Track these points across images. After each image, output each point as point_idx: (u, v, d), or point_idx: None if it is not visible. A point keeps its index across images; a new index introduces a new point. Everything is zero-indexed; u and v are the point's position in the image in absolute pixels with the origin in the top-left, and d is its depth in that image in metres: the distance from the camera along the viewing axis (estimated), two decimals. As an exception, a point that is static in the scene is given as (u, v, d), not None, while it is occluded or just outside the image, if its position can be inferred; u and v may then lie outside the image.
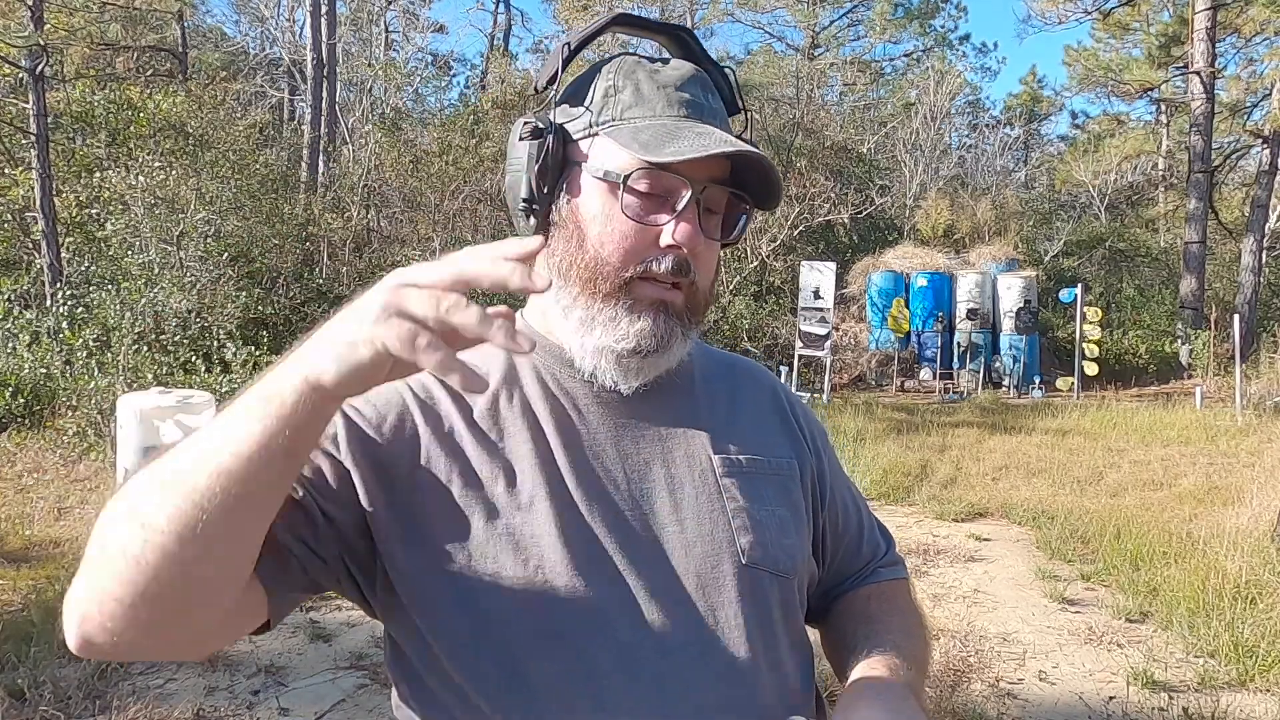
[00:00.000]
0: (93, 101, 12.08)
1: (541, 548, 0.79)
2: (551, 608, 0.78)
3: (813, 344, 12.00)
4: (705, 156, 0.79)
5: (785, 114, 19.68)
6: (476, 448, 0.83)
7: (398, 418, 0.82)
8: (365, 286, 0.64)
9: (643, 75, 0.84)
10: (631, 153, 0.80)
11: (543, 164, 0.83)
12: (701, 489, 0.87)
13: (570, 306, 0.84)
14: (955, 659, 3.77)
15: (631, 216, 0.81)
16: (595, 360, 0.84)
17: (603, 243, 0.82)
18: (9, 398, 7.87)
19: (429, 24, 29.31)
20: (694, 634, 0.81)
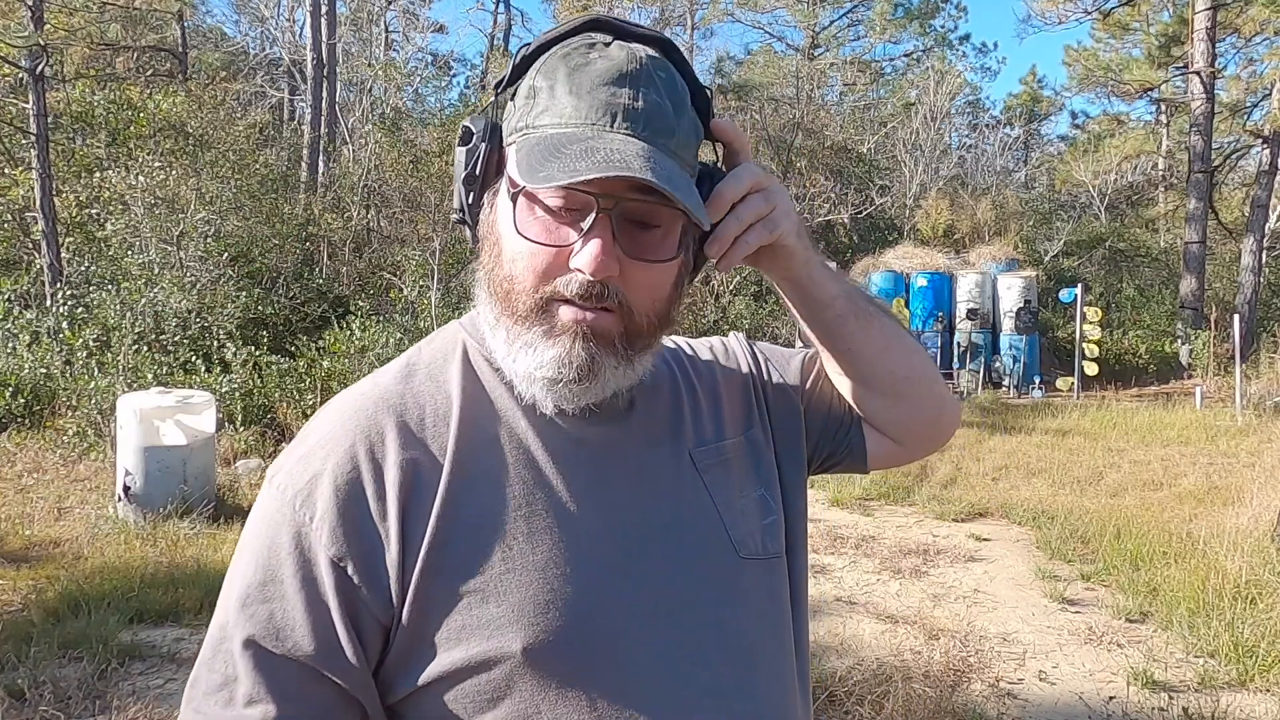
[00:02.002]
0: (93, 101, 12.08)
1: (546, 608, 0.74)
2: (569, 652, 0.74)
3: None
4: (578, 181, 0.67)
5: (785, 114, 19.67)
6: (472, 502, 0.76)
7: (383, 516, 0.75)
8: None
9: (564, 74, 0.74)
10: (517, 162, 0.73)
11: (470, 172, 0.78)
12: (690, 492, 0.84)
13: (495, 325, 0.78)
14: (955, 659, 3.77)
15: (528, 237, 0.74)
16: (528, 387, 0.77)
17: (514, 259, 0.75)
18: (9, 398, 7.87)
19: (429, 24, 29.32)
20: (714, 643, 0.79)
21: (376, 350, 8.83)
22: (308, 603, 0.73)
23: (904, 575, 4.93)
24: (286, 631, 0.73)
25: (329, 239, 13.86)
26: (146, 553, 4.87)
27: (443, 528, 0.74)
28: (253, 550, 0.75)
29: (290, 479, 0.76)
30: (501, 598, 0.73)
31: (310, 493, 0.74)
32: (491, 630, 0.73)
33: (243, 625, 0.73)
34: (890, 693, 3.31)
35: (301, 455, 0.77)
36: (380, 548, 0.74)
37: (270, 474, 0.79)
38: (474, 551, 0.74)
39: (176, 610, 4.06)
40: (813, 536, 5.63)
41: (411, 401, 0.79)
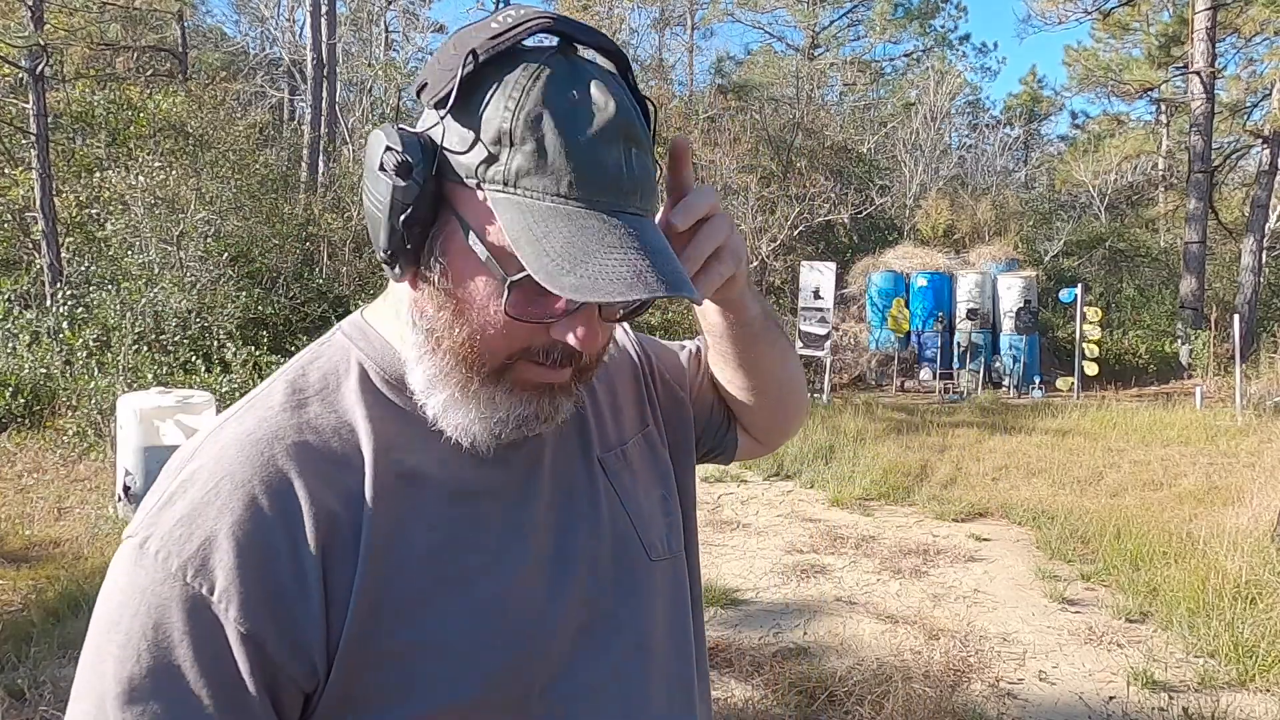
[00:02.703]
0: (93, 101, 12.08)
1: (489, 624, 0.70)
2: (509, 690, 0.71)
3: (813, 344, 11.99)
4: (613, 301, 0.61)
5: (785, 114, 19.67)
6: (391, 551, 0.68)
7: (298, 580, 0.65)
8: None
9: (550, 124, 0.63)
10: (532, 258, 0.62)
11: (412, 213, 0.66)
12: (605, 501, 0.81)
13: (437, 377, 0.70)
14: (955, 659, 3.77)
15: (516, 317, 0.67)
16: (462, 430, 0.71)
17: (484, 327, 0.68)
18: (9, 398, 7.87)
19: (429, 24, 29.30)
20: (625, 640, 0.78)
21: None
22: (218, 691, 0.62)
23: (904, 575, 4.93)
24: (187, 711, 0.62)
25: (329, 239, 13.86)
26: (146, 553, 4.87)
27: (372, 583, 0.66)
28: (128, 635, 0.62)
29: (172, 544, 0.63)
30: (442, 649, 0.68)
31: (205, 559, 0.63)
32: (432, 683, 0.67)
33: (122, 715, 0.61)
34: (890, 693, 3.31)
35: (183, 515, 0.64)
36: (302, 613, 0.64)
37: (134, 539, 0.65)
38: (409, 603, 0.67)
39: (176, 610, 4.06)
40: (813, 536, 5.64)
41: (312, 436, 0.69)
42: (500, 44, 0.64)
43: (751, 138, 16.58)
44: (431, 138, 0.66)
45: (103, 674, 0.63)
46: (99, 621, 0.65)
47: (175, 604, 0.62)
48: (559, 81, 0.64)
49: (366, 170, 0.68)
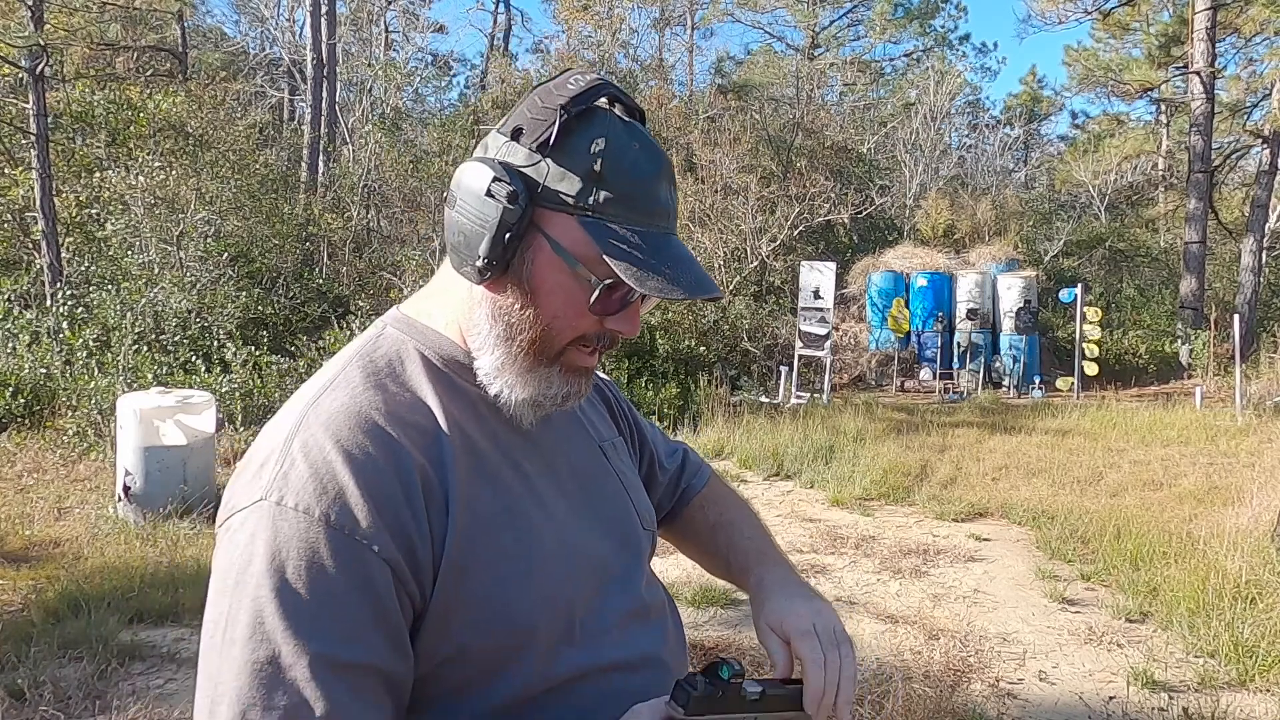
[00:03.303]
0: (93, 101, 12.08)
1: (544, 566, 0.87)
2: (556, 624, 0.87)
3: (813, 344, 11.99)
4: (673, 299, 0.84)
5: (785, 114, 19.67)
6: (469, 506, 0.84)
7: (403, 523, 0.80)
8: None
9: (625, 169, 0.84)
10: (624, 269, 0.82)
11: (516, 230, 0.83)
12: (608, 478, 1.01)
13: (507, 362, 0.87)
14: (955, 659, 3.77)
15: (597, 314, 0.87)
16: (517, 404, 0.89)
17: (556, 318, 0.86)
18: (9, 398, 7.87)
19: (429, 24, 29.33)
20: (640, 608, 0.96)
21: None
22: (373, 609, 0.76)
23: (904, 575, 4.93)
24: (359, 643, 0.75)
25: (329, 239, 13.87)
26: (146, 553, 4.87)
27: (460, 531, 0.82)
28: (284, 577, 0.74)
29: (309, 498, 0.76)
30: (510, 585, 0.84)
31: (343, 505, 0.77)
32: (505, 612, 0.83)
33: (305, 647, 0.73)
34: (890, 693, 3.31)
35: (311, 474, 0.77)
36: (419, 548, 0.79)
37: (266, 500, 0.77)
38: (487, 548, 0.83)
39: (176, 610, 4.06)
40: (813, 536, 5.64)
41: (398, 409, 0.84)
42: (580, 104, 0.83)
43: (751, 138, 16.58)
44: (528, 173, 0.83)
45: (259, 612, 0.73)
46: (242, 576, 0.75)
47: (324, 543, 0.75)
48: (624, 136, 0.85)
49: (466, 193, 0.84)
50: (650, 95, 17.49)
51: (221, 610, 0.75)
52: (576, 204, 0.83)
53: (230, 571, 0.76)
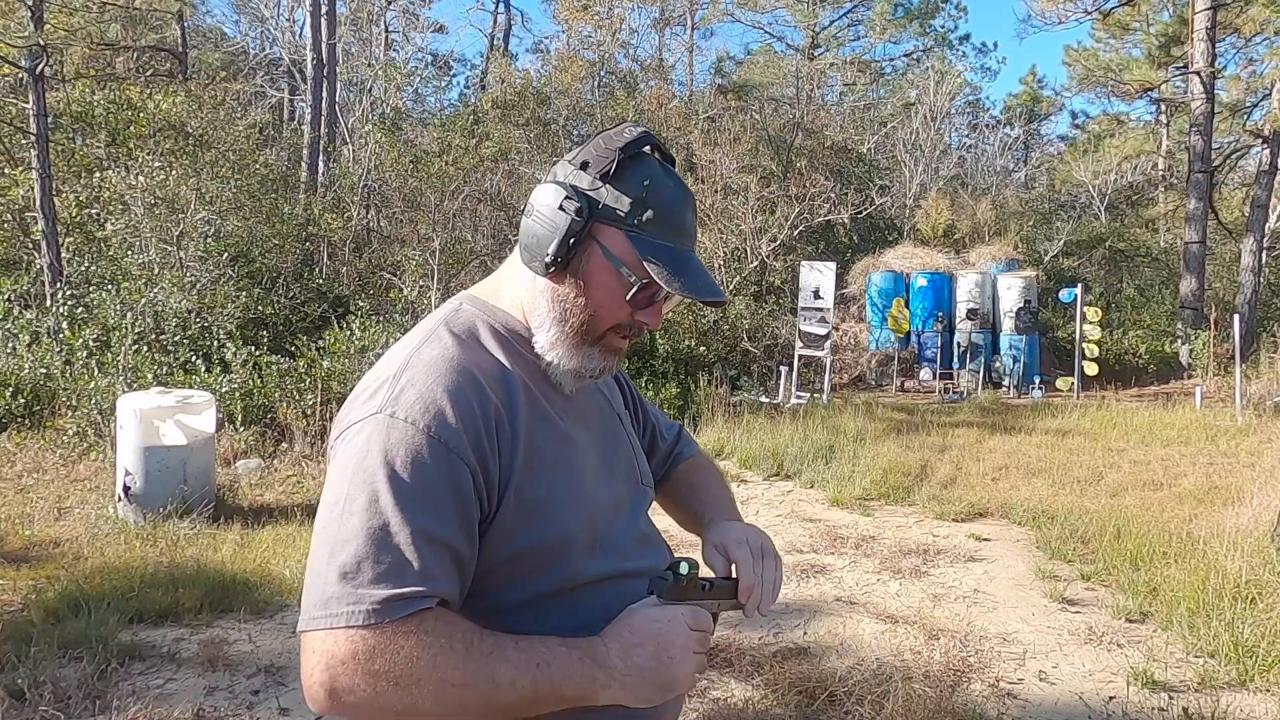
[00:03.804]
0: (93, 101, 12.06)
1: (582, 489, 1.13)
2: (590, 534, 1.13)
3: (813, 344, 11.99)
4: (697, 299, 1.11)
5: (785, 114, 19.66)
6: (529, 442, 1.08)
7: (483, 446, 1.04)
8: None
9: (663, 198, 1.10)
10: (656, 272, 1.08)
11: (576, 239, 1.08)
12: (619, 437, 1.26)
13: (560, 338, 1.13)
14: (955, 659, 3.77)
15: (635, 308, 1.12)
16: (562, 374, 1.15)
17: (600, 307, 1.12)
18: (9, 398, 7.86)
19: (429, 24, 29.32)
20: (643, 536, 1.23)
21: (376, 350, 8.82)
22: (458, 502, 1.00)
23: (904, 575, 4.93)
24: (446, 525, 0.98)
25: (329, 239, 13.86)
26: (146, 553, 4.87)
27: (524, 457, 1.06)
28: (392, 466, 0.97)
29: (416, 413, 1.00)
30: (557, 504, 1.09)
31: (442, 422, 1.00)
32: (551, 524, 1.08)
33: (408, 520, 0.96)
34: (890, 693, 3.31)
35: (417, 397, 1.01)
36: (492, 464, 1.03)
37: (381, 414, 1.00)
38: (542, 474, 1.08)
39: (176, 610, 4.06)
40: (813, 536, 5.64)
41: (483, 361, 1.09)
42: (634, 149, 1.10)
43: (751, 138, 16.57)
44: (591, 194, 1.09)
45: (373, 491, 0.97)
46: (360, 465, 0.98)
47: (425, 447, 0.99)
48: (662, 173, 1.12)
49: (543, 207, 1.09)
50: (650, 95, 17.49)
51: (341, 491, 0.98)
52: (625, 221, 1.09)
53: (349, 462, 0.99)
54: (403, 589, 0.94)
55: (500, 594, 1.07)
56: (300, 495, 6.35)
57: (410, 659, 0.93)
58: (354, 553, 0.94)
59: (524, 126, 15.54)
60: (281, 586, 4.43)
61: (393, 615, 0.93)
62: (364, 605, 0.93)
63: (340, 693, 0.93)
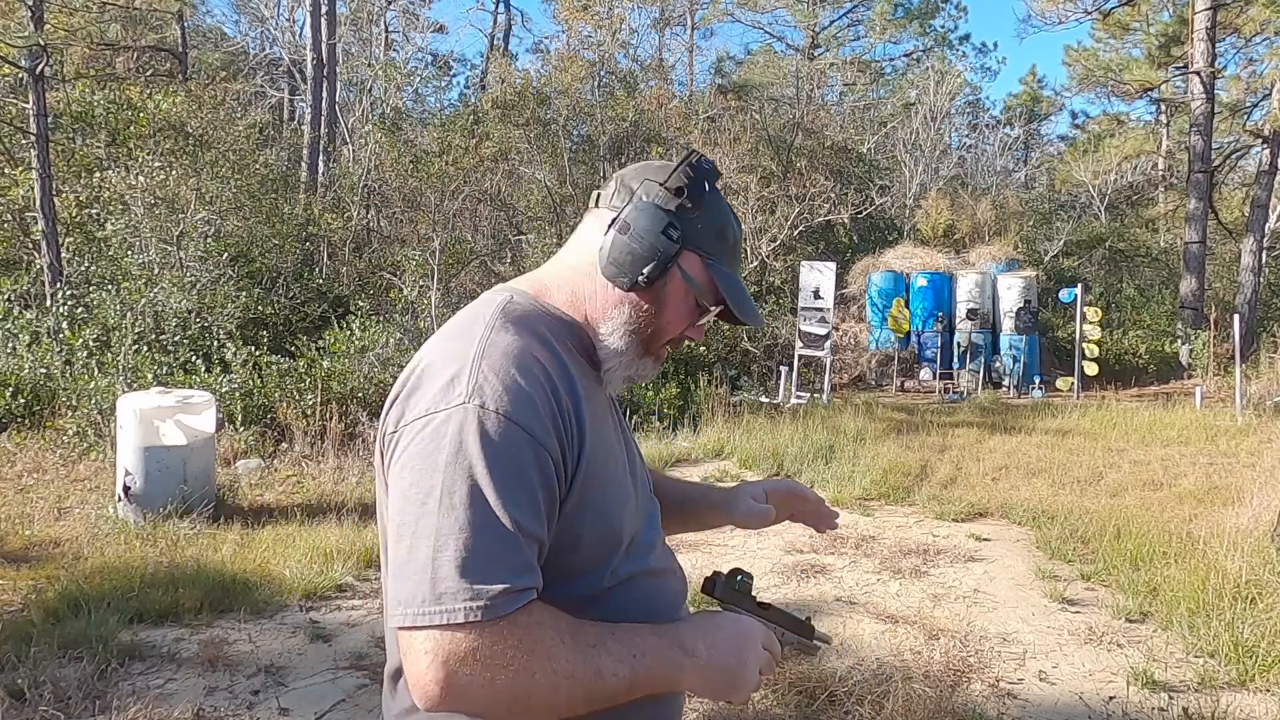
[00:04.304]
0: (93, 101, 12.06)
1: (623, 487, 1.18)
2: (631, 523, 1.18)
3: (813, 344, 11.99)
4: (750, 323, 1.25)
5: (785, 114, 19.65)
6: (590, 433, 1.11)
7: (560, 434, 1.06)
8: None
9: (733, 229, 1.21)
10: (731, 301, 1.18)
11: (668, 262, 1.15)
12: (634, 446, 1.30)
13: (629, 347, 1.18)
14: (955, 659, 3.77)
15: (698, 326, 1.22)
16: (617, 377, 1.20)
17: (669, 323, 1.20)
18: (9, 398, 7.86)
19: (429, 24, 29.32)
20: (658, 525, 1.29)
21: (376, 350, 8.82)
22: (544, 494, 1.01)
23: (904, 575, 4.93)
24: (536, 517, 1.00)
25: (329, 239, 13.86)
26: (146, 553, 4.87)
27: (589, 449, 1.08)
28: (490, 459, 0.97)
29: (504, 406, 1.00)
30: (611, 495, 1.13)
31: (531, 410, 1.01)
32: (605, 516, 1.11)
33: (511, 513, 0.97)
34: (890, 693, 3.31)
35: (503, 388, 1.01)
36: (565, 456, 1.05)
37: (470, 403, 1.00)
38: (598, 467, 1.10)
39: (176, 610, 4.06)
40: (813, 536, 5.64)
41: (551, 355, 1.10)
42: (715, 178, 1.21)
43: (751, 138, 16.56)
44: (685, 222, 1.16)
45: (473, 478, 0.97)
46: (457, 456, 0.98)
47: (517, 440, 1.00)
48: (724, 203, 1.22)
49: (645, 230, 1.15)
50: (650, 95, 17.48)
51: (436, 482, 0.97)
52: (706, 249, 1.17)
53: (440, 452, 0.98)
54: (514, 582, 0.95)
55: (556, 587, 1.07)
56: (300, 495, 6.35)
57: (526, 651, 0.94)
58: (464, 546, 0.94)
59: (524, 126, 15.52)
60: (281, 586, 4.43)
61: (509, 608, 0.94)
62: (480, 600, 0.93)
63: (457, 689, 0.93)
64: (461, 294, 12.76)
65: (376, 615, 4.20)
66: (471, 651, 0.92)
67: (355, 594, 4.50)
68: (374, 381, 8.51)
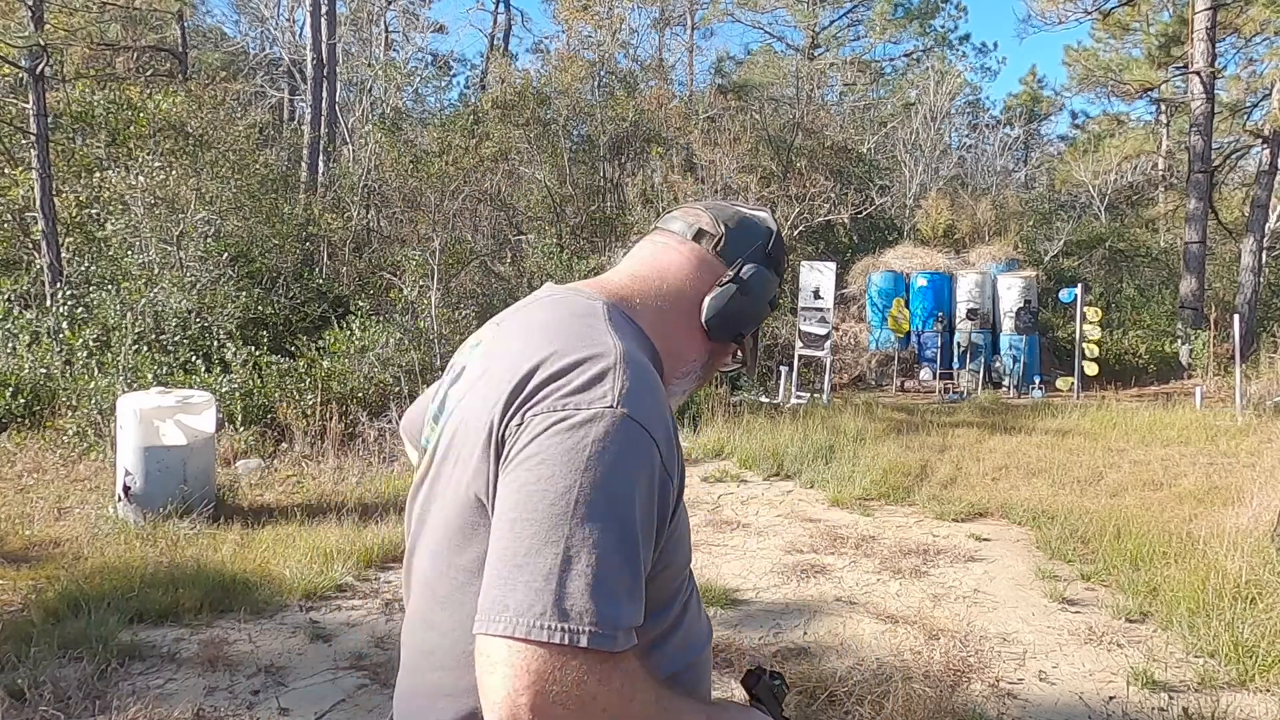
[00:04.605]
0: (93, 101, 12.06)
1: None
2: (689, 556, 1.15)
3: (813, 344, 11.99)
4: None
5: (785, 114, 19.65)
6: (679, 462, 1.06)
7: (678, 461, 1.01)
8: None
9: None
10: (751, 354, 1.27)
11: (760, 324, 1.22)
12: None
13: (693, 382, 1.20)
14: (955, 659, 3.77)
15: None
16: (677, 401, 1.20)
17: (724, 366, 1.25)
18: (9, 398, 7.86)
19: (429, 24, 29.32)
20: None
21: (376, 350, 8.82)
22: (658, 525, 0.95)
23: (904, 575, 4.93)
24: (649, 550, 0.93)
25: (329, 239, 13.85)
26: (146, 553, 4.87)
27: (680, 478, 1.01)
28: (631, 479, 0.90)
29: (647, 422, 0.93)
30: (685, 519, 1.10)
31: (665, 429, 0.96)
32: (685, 538, 1.09)
33: (641, 542, 0.89)
34: (890, 693, 3.31)
35: (647, 405, 0.94)
36: (678, 485, 1.00)
37: (623, 413, 0.92)
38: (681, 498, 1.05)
39: (176, 610, 4.06)
40: (813, 536, 5.64)
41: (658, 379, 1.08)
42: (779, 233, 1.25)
43: (751, 138, 16.56)
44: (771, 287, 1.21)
45: (614, 504, 0.88)
46: (598, 463, 0.88)
47: (657, 463, 0.93)
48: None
49: (759, 289, 1.18)
50: (650, 95, 17.48)
51: (571, 484, 0.87)
52: (774, 303, 1.23)
53: (580, 453, 0.88)
54: (635, 620, 0.86)
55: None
56: (300, 495, 6.35)
57: (626, 695, 0.84)
58: (597, 565, 0.84)
59: (524, 126, 15.53)
60: (281, 586, 4.43)
61: (626, 645, 0.84)
62: (604, 630, 0.82)
63: (545, 717, 0.81)
64: (461, 294, 12.77)
65: (376, 615, 4.20)
66: (578, 682, 0.81)
67: (355, 594, 4.50)
68: (374, 381, 8.51)
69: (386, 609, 4.28)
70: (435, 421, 1.13)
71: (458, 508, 0.99)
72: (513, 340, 1.04)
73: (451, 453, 1.02)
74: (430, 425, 1.15)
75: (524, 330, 1.05)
